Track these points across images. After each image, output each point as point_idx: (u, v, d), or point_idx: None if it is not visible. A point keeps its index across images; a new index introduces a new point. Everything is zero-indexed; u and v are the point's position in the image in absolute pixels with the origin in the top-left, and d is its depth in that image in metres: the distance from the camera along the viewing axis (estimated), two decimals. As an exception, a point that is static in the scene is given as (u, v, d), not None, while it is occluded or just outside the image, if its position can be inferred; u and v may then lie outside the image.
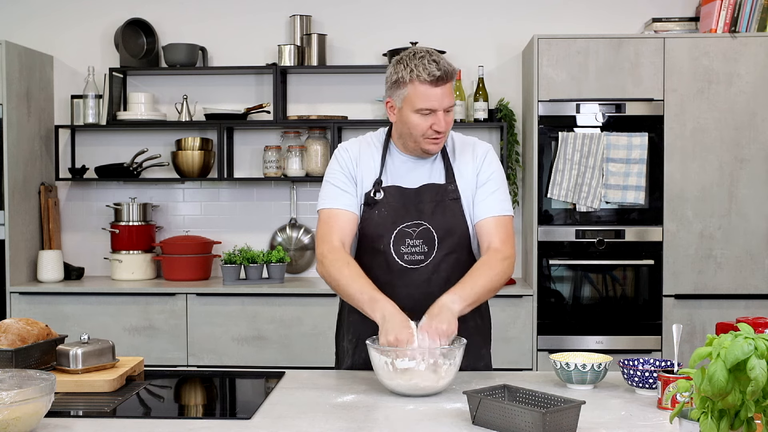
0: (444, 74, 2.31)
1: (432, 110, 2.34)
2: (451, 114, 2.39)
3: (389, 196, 2.44)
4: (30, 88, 4.65)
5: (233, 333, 4.39)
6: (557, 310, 4.38)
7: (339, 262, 2.36)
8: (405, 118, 2.38)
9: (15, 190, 4.49)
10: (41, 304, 4.43)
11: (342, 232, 2.42)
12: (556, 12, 4.83)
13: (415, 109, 2.35)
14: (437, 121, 2.35)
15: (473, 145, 2.53)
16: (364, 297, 2.28)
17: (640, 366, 2.24)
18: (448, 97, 2.35)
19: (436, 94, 2.33)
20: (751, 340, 1.42)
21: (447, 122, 2.37)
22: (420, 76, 2.31)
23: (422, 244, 2.42)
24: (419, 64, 2.32)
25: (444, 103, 2.34)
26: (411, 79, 2.33)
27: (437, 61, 2.32)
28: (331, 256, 2.38)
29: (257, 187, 4.93)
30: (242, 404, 2.29)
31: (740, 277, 4.33)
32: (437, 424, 1.91)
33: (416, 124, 2.36)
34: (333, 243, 2.40)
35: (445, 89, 2.34)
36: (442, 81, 2.32)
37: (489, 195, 2.45)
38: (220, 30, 4.91)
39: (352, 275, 2.33)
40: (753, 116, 4.31)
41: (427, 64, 2.31)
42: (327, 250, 2.39)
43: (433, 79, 2.31)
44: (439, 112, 2.34)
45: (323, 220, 2.46)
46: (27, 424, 1.77)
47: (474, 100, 4.67)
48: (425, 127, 2.36)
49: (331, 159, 2.53)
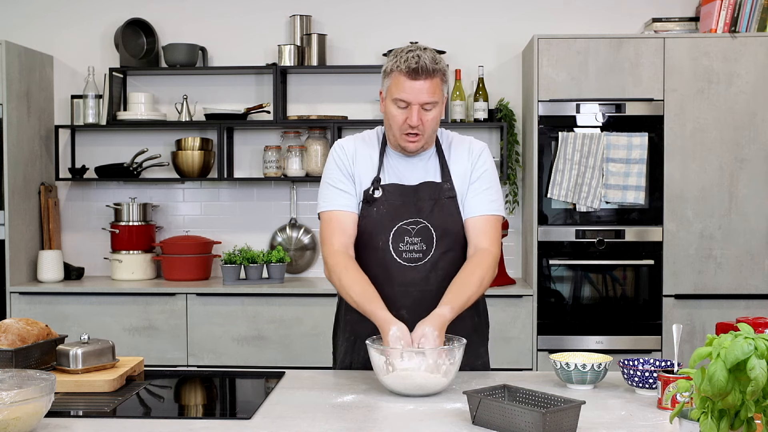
0: (420, 68, 2.31)
1: (407, 103, 2.34)
2: (431, 113, 2.37)
3: (388, 193, 2.44)
4: (30, 88, 4.65)
5: (233, 333, 4.39)
6: (557, 310, 4.38)
7: (339, 266, 2.39)
8: (386, 108, 2.41)
9: (15, 190, 4.49)
10: (41, 304, 4.43)
11: (343, 234, 2.43)
12: (556, 12, 4.83)
13: (392, 98, 2.37)
14: (410, 116, 2.34)
15: (469, 143, 2.53)
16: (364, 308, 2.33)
17: (640, 366, 2.24)
18: (427, 94, 2.33)
19: (412, 87, 2.32)
20: (751, 340, 1.42)
21: (425, 121, 2.36)
22: (399, 67, 2.33)
23: (420, 242, 2.43)
24: (403, 56, 2.34)
25: (420, 98, 2.33)
26: (392, 70, 2.36)
27: (420, 55, 2.32)
28: (333, 260, 2.41)
29: (257, 187, 4.93)
30: (242, 404, 2.29)
31: (740, 277, 4.33)
32: (437, 424, 1.91)
33: (393, 115, 2.38)
34: (334, 247, 2.42)
35: (423, 85, 2.32)
36: (420, 75, 2.31)
37: (480, 193, 2.46)
38: (220, 30, 4.91)
39: (351, 281, 2.36)
40: (753, 116, 4.31)
41: (410, 57, 2.32)
42: (329, 253, 2.42)
43: (409, 70, 2.31)
44: (414, 106, 2.34)
45: (325, 222, 2.47)
46: (27, 424, 1.77)
47: (474, 100, 4.67)
48: (401, 119, 2.37)
49: (328, 158, 2.54)
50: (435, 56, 2.35)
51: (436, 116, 2.39)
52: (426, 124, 2.37)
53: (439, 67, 2.35)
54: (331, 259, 2.40)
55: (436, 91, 2.35)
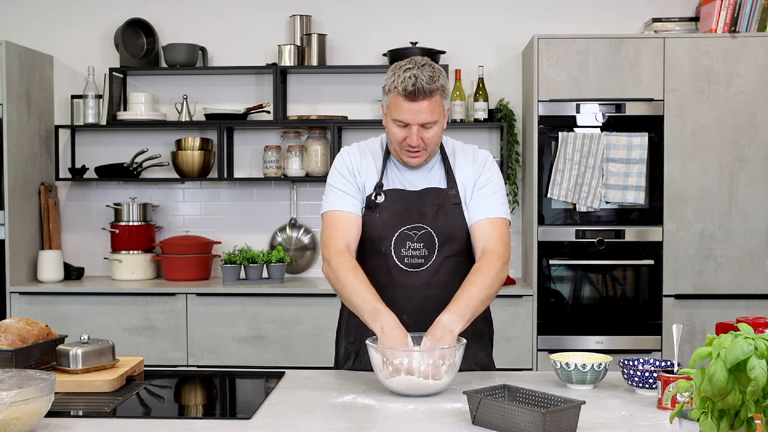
0: (417, 90, 2.29)
1: (406, 123, 2.34)
2: (432, 131, 2.36)
3: (390, 199, 2.44)
4: (30, 88, 4.65)
5: (233, 333, 4.39)
6: (557, 310, 4.38)
7: (345, 266, 2.35)
8: (387, 124, 2.41)
9: (15, 190, 4.49)
10: (41, 304, 4.43)
11: (347, 234, 2.42)
12: (556, 12, 4.83)
13: (392, 118, 2.37)
14: (410, 136, 2.35)
15: (473, 151, 2.53)
16: (366, 306, 2.28)
17: (640, 366, 2.24)
18: (425, 114, 2.32)
19: (410, 108, 2.32)
20: (751, 340, 1.42)
21: (426, 138, 2.36)
22: (397, 89, 2.32)
23: (423, 248, 2.42)
24: (401, 75, 2.32)
25: (418, 118, 2.33)
26: (391, 89, 2.35)
27: (416, 75, 2.29)
28: (337, 258, 2.37)
29: (257, 187, 4.93)
30: (242, 404, 2.29)
31: (740, 277, 4.33)
32: (437, 424, 1.91)
33: (393, 132, 2.38)
34: (338, 246, 2.40)
35: (421, 105, 2.31)
36: (417, 97, 2.30)
37: (486, 197, 2.45)
38: (220, 30, 4.91)
39: (356, 281, 2.32)
40: (753, 116, 4.31)
41: (407, 78, 2.30)
42: (333, 252, 2.39)
43: (407, 93, 2.30)
44: (413, 126, 2.33)
45: (328, 223, 2.46)
46: (27, 424, 1.77)
47: (474, 100, 4.67)
48: (401, 137, 2.37)
49: (333, 163, 2.53)
50: (433, 73, 2.33)
51: (437, 132, 2.38)
52: (427, 141, 2.37)
53: (437, 85, 2.32)
54: (337, 257, 2.37)
55: (435, 109, 2.34)
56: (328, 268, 2.40)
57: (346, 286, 2.33)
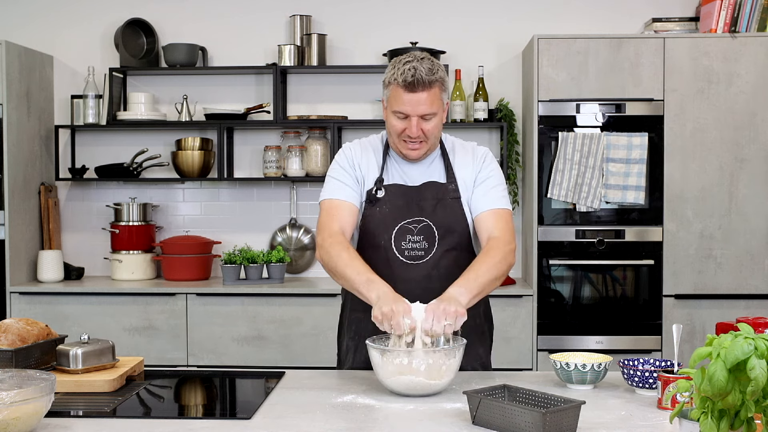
0: (417, 81, 2.32)
1: (405, 115, 2.37)
2: (431, 122, 2.39)
3: (391, 193, 2.47)
4: (30, 88, 4.65)
5: (233, 333, 4.39)
6: (557, 310, 4.38)
7: (338, 246, 2.37)
8: (387, 117, 2.44)
9: (15, 190, 4.49)
10: (41, 304, 4.43)
11: (343, 221, 2.44)
12: (556, 12, 4.83)
13: (392, 110, 2.40)
14: (409, 127, 2.38)
15: (473, 148, 2.57)
16: (360, 278, 2.29)
17: (640, 366, 2.24)
18: (425, 105, 2.36)
19: (410, 99, 2.35)
20: (751, 340, 1.42)
21: (425, 130, 2.39)
22: (397, 80, 2.36)
23: (423, 240, 2.45)
24: (401, 68, 2.35)
25: (418, 110, 2.36)
26: (391, 81, 2.38)
27: (416, 67, 2.33)
28: (330, 239, 2.40)
29: (257, 187, 4.93)
30: (242, 404, 2.29)
31: (740, 277, 4.33)
32: (437, 424, 1.91)
33: (393, 124, 2.41)
34: (333, 229, 2.42)
35: (421, 96, 2.35)
36: (416, 88, 2.33)
37: (488, 190, 2.48)
38: (220, 30, 4.91)
39: (350, 258, 2.34)
40: (753, 116, 4.31)
41: (407, 69, 2.34)
42: (327, 235, 2.41)
43: (406, 84, 2.34)
44: (413, 118, 2.37)
45: (325, 210, 2.48)
46: (27, 424, 1.77)
47: (474, 100, 4.67)
48: (400, 129, 2.40)
49: (334, 158, 2.56)
50: (432, 65, 2.36)
51: (437, 124, 2.41)
52: (427, 132, 2.40)
53: (437, 77, 2.36)
54: (330, 239, 2.39)
55: (434, 101, 2.37)
56: (320, 250, 2.42)
57: (339, 263, 2.34)
